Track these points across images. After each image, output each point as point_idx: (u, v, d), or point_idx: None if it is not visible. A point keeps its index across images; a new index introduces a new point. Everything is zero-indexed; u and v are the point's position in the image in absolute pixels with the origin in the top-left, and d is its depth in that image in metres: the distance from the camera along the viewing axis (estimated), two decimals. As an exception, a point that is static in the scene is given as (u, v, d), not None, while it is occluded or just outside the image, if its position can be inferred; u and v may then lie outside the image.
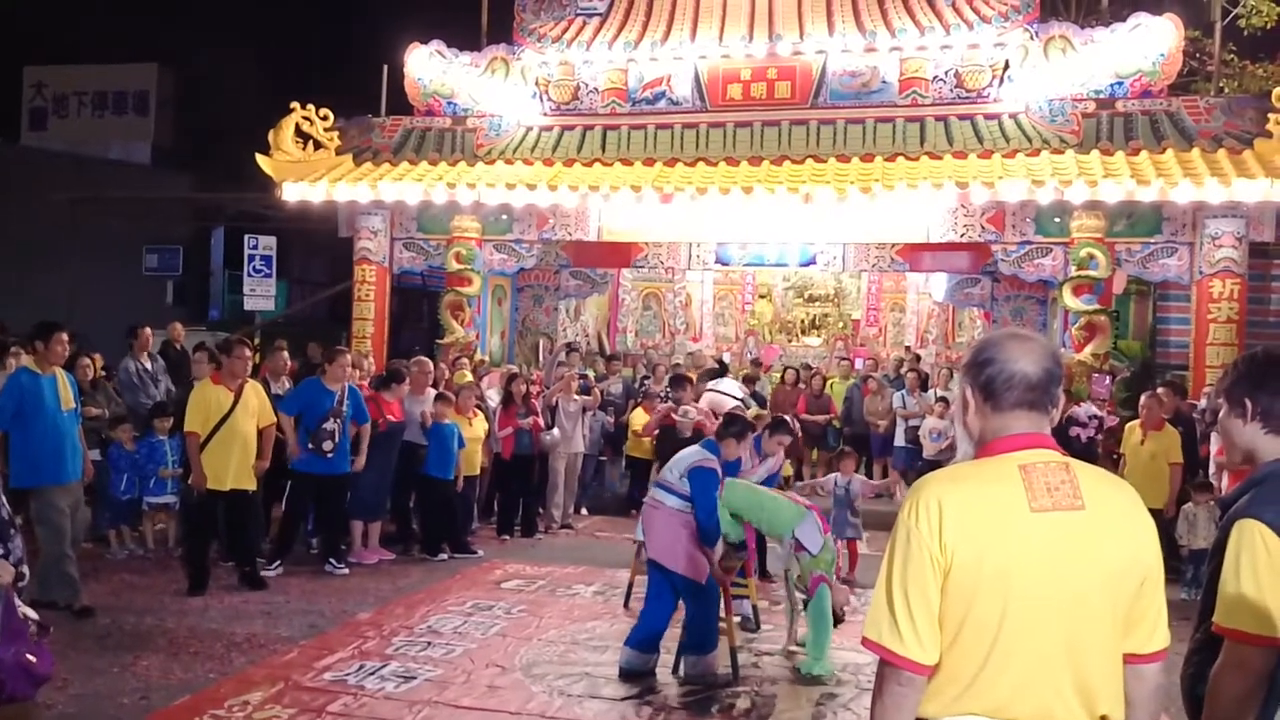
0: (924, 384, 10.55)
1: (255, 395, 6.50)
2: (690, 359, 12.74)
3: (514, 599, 6.41)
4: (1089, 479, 1.72)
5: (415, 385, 7.89)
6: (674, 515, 4.95)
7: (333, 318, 17.81)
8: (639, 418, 9.68)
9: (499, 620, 5.87)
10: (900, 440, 10.40)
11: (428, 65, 11.36)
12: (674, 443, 7.60)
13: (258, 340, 11.41)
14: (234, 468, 6.28)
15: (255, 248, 12.88)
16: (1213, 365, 8.88)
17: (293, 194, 10.57)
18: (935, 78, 10.24)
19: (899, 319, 14.45)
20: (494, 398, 8.88)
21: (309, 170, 10.64)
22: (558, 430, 8.88)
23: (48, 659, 3.15)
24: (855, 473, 7.44)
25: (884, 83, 10.36)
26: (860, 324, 14.56)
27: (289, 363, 8.20)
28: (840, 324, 14.53)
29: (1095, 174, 8.93)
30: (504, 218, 10.76)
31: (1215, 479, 7.27)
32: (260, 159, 10.72)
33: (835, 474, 7.33)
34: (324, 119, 10.95)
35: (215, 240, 20.34)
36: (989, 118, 10.06)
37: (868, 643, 1.70)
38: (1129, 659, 1.72)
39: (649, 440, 9.49)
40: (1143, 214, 9.35)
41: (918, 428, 10.06)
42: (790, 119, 10.45)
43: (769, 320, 14.77)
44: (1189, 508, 7.14)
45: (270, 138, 10.78)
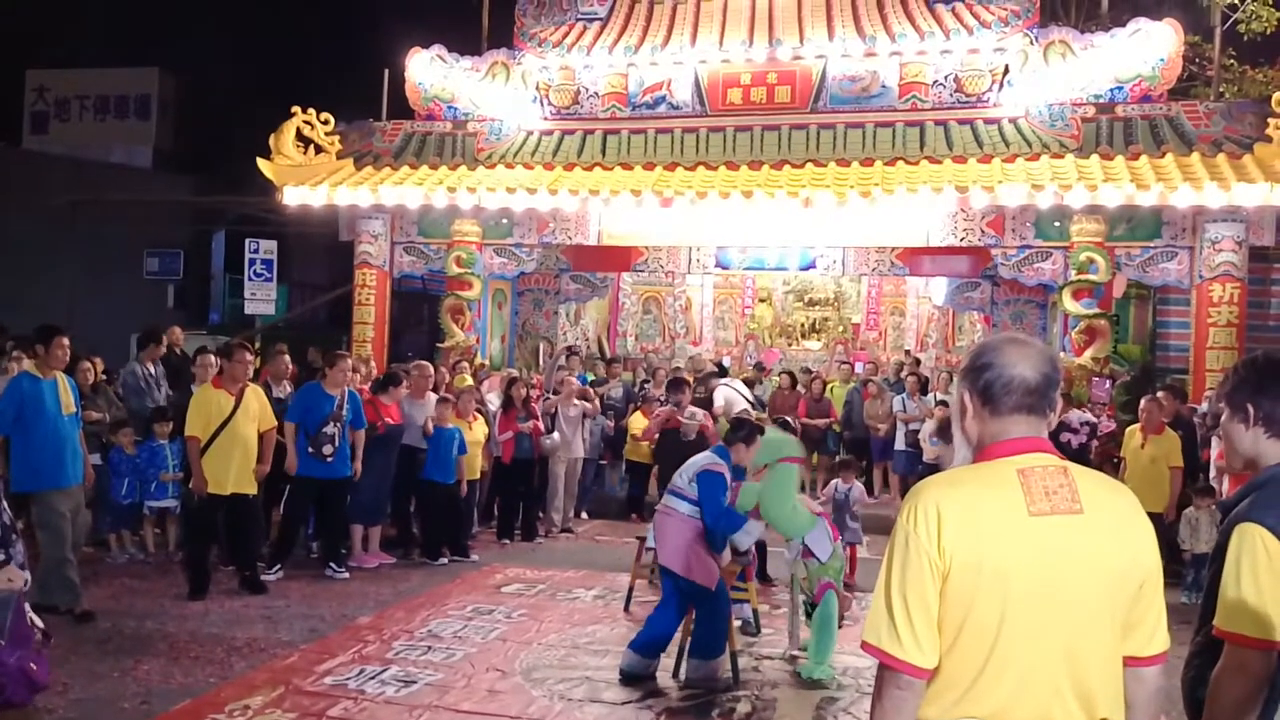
0: (924, 388, 10.55)
1: (256, 399, 6.50)
2: (690, 363, 12.75)
3: (514, 603, 6.41)
4: (1087, 483, 1.72)
5: (415, 390, 7.89)
6: (685, 521, 4.96)
7: (333, 322, 17.81)
8: (638, 422, 9.69)
9: (499, 624, 5.87)
10: (900, 444, 10.39)
11: (429, 70, 11.39)
12: (675, 446, 7.60)
13: (258, 344, 11.39)
14: (235, 472, 6.28)
15: (256, 252, 12.88)
16: (1213, 369, 8.89)
17: (293, 198, 10.59)
18: (935, 82, 10.27)
19: (899, 323, 14.46)
20: (494, 401, 8.89)
21: (310, 174, 10.66)
22: (558, 434, 8.89)
23: (45, 668, 3.15)
24: (856, 481, 7.48)
25: (884, 87, 10.39)
26: (860, 328, 14.57)
27: (290, 367, 8.20)
28: (840, 328, 14.54)
29: (1095, 178, 8.94)
30: (504, 222, 10.78)
31: (1216, 483, 7.27)
32: (261, 163, 10.73)
33: (836, 480, 7.38)
34: (325, 123, 10.98)
35: (216, 244, 20.36)
36: (989, 122, 10.08)
37: (867, 646, 1.71)
38: (1129, 662, 1.72)
39: (647, 444, 9.50)
40: (1142, 218, 9.36)
41: (917, 431, 10.06)
42: (790, 123, 10.48)
43: (769, 324, 14.78)
44: (1190, 512, 7.14)
45: (271, 142, 10.80)
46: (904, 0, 10.50)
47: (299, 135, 10.87)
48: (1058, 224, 9.55)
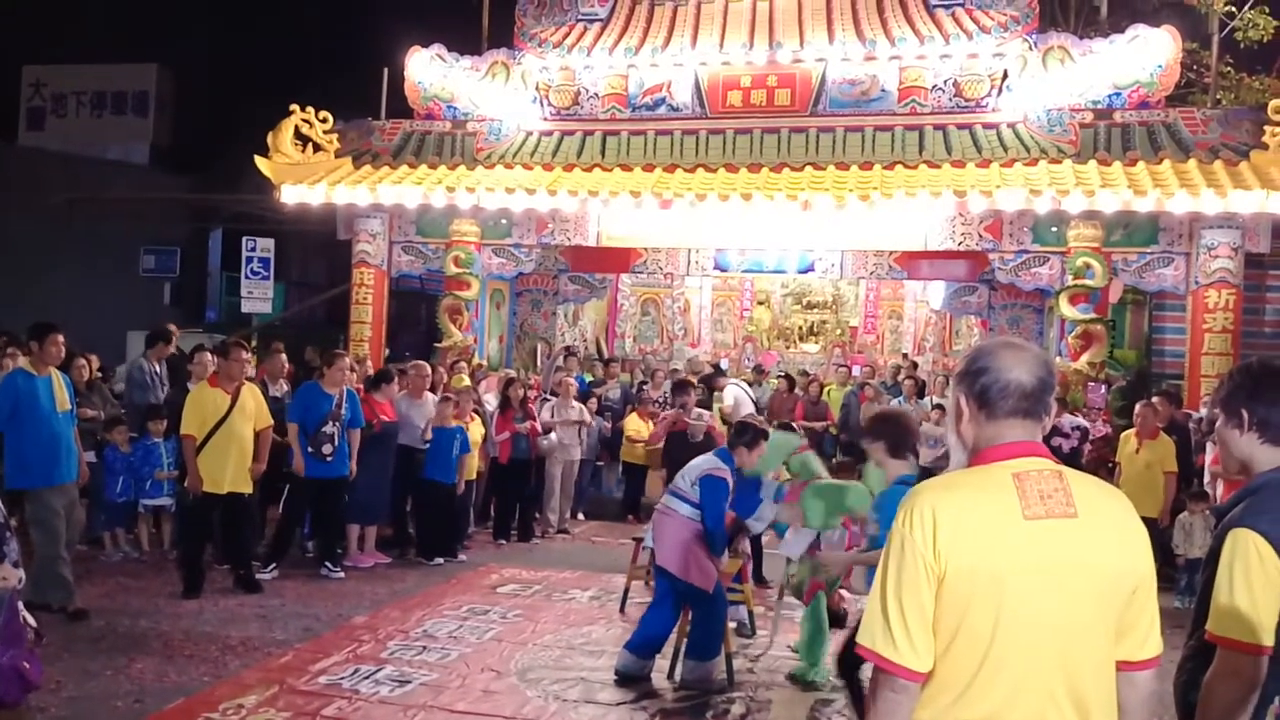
0: (920, 391, 10.57)
1: (252, 398, 6.49)
2: (688, 365, 12.75)
3: (510, 603, 6.41)
4: (1081, 487, 1.73)
5: (413, 390, 7.89)
6: (685, 523, 4.96)
7: (330, 321, 17.78)
8: (634, 423, 9.69)
9: (494, 625, 5.87)
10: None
11: (428, 69, 11.39)
12: (683, 448, 7.59)
13: (254, 343, 11.37)
14: (230, 471, 6.27)
15: (253, 250, 12.85)
16: (1208, 375, 8.92)
17: (291, 196, 10.57)
18: (934, 87, 10.28)
19: (896, 326, 14.48)
20: (491, 402, 8.89)
21: (308, 173, 10.64)
22: (555, 435, 8.88)
23: (38, 667, 3.14)
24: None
25: (883, 91, 10.40)
26: (858, 331, 14.58)
27: (286, 365, 8.19)
28: (838, 331, 14.56)
29: (1092, 184, 8.97)
30: (503, 222, 10.77)
31: (1210, 488, 7.30)
32: (259, 161, 10.72)
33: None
34: (323, 121, 10.96)
35: (213, 242, 20.32)
36: (987, 127, 10.10)
37: (862, 649, 1.71)
38: (1122, 666, 1.72)
39: (642, 446, 9.50)
40: (1139, 224, 9.39)
41: (914, 435, 10.05)
42: (790, 126, 10.49)
43: (767, 326, 14.79)
44: (1185, 517, 7.16)
45: (269, 140, 10.78)
46: (904, 4, 10.52)
47: (297, 133, 10.85)
48: (1055, 229, 9.57)
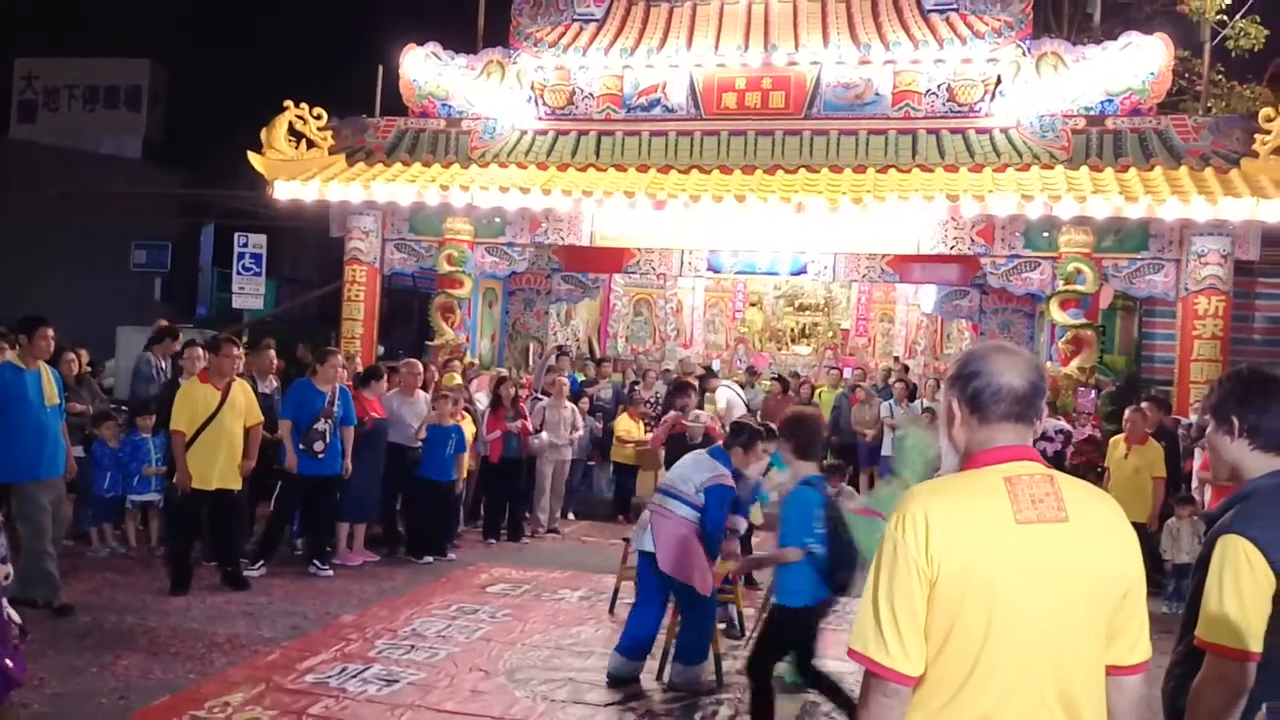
0: (911, 394, 10.59)
1: (243, 394, 6.46)
2: (680, 365, 12.75)
3: (499, 603, 6.40)
4: (1072, 491, 1.73)
5: (405, 388, 7.86)
6: (683, 524, 4.93)
7: (322, 318, 17.73)
8: (625, 423, 9.68)
9: (483, 624, 5.86)
10: (887, 450, 10.41)
11: (423, 67, 11.36)
12: (683, 450, 7.56)
13: (245, 339, 11.31)
14: (219, 467, 6.24)
15: (245, 246, 12.78)
16: (1197, 381, 8.96)
17: (284, 193, 10.53)
18: (928, 91, 10.31)
19: (888, 329, 14.51)
20: (483, 400, 8.87)
21: (301, 169, 10.60)
22: (546, 434, 8.87)
23: (21, 664, 3.11)
24: (843, 485, 7.49)
25: (877, 95, 10.43)
26: (849, 333, 14.61)
27: (275, 361, 8.15)
28: (830, 333, 14.59)
29: (1084, 190, 9.00)
30: (496, 221, 10.75)
31: (1198, 493, 7.33)
32: (252, 157, 10.66)
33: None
34: (317, 118, 10.92)
35: (205, 237, 20.23)
36: (980, 132, 10.14)
37: (853, 653, 1.71)
38: (1110, 670, 1.73)
39: (633, 447, 9.49)
40: (1130, 230, 9.43)
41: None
42: (784, 129, 10.50)
43: (759, 328, 14.80)
44: (1172, 522, 7.19)
45: (262, 135, 10.73)
46: (899, 8, 10.55)
47: (291, 130, 10.80)
48: (1046, 234, 9.61)
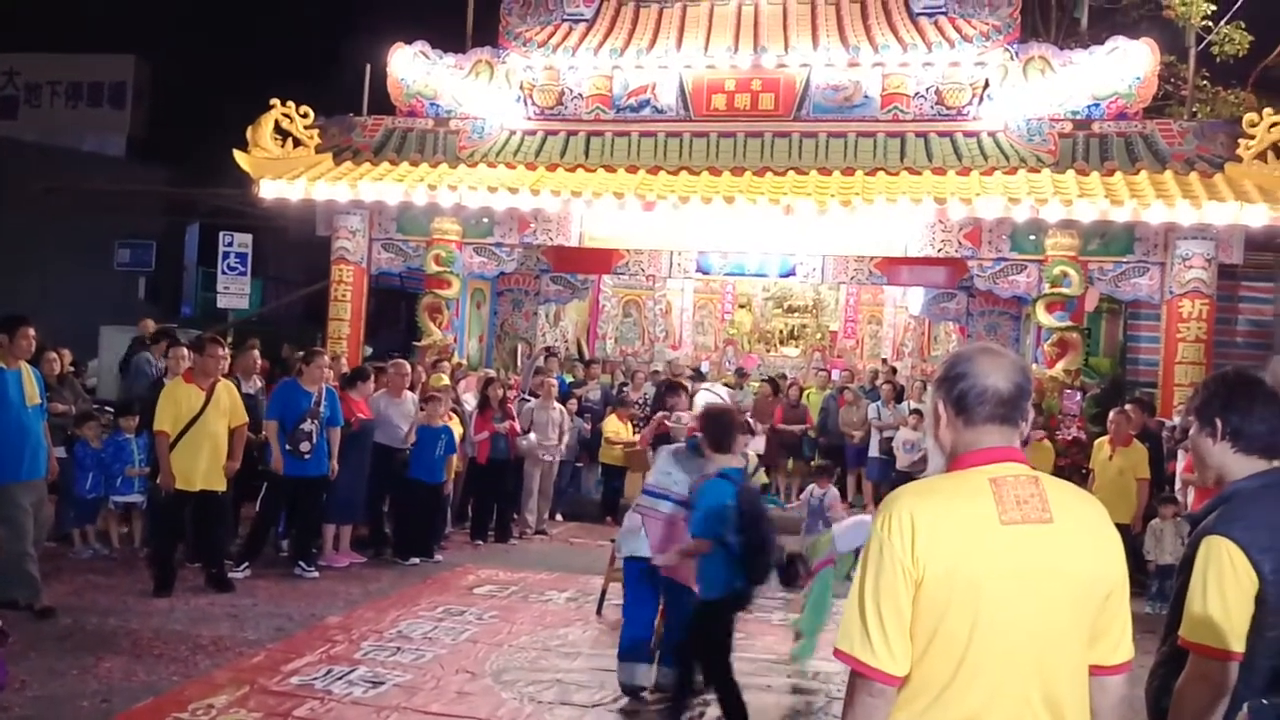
0: (899, 396, 10.63)
1: (227, 394, 6.41)
2: (669, 367, 12.75)
3: (486, 604, 6.37)
4: (1057, 492, 1.74)
5: (393, 388, 7.83)
6: (672, 520, 4.92)
7: (308, 317, 17.62)
8: (613, 424, 9.67)
9: (470, 626, 5.83)
10: (874, 451, 10.47)
11: (411, 66, 11.31)
12: None
13: (230, 339, 11.23)
14: (203, 468, 6.19)
15: (230, 245, 12.69)
16: (1181, 384, 9.04)
17: (270, 191, 10.47)
18: (916, 94, 10.36)
19: (876, 331, 14.56)
20: (470, 402, 8.84)
21: (287, 168, 10.54)
22: (534, 435, 8.85)
23: (3, 667, 3.08)
24: (831, 486, 7.54)
25: (866, 97, 10.46)
26: (838, 335, 14.66)
27: (259, 361, 8.10)
28: (818, 335, 14.63)
29: (1070, 193, 9.07)
30: (485, 221, 10.72)
31: (1180, 495, 7.39)
32: (238, 155, 10.60)
33: (811, 485, 7.44)
34: (304, 116, 10.87)
35: (190, 236, 20.07)
36: (968, 135, 10.19)
37: (839, 653, 1.71)
38: (1094, 670, 1.73)
39: (621, 448, 9.48)
40: (1116, 234, 9.50)
41: (892, 439, 10.14)
42: (773, 131, 10.52)
43: (748, 330, 14.83)
44: (1156, 523, 7.24)
45: (248, 134, 10.67)
46: (888, 11, 10.59)
47: (277, 128, 10.75)
48: (1033, 237, 9.66)
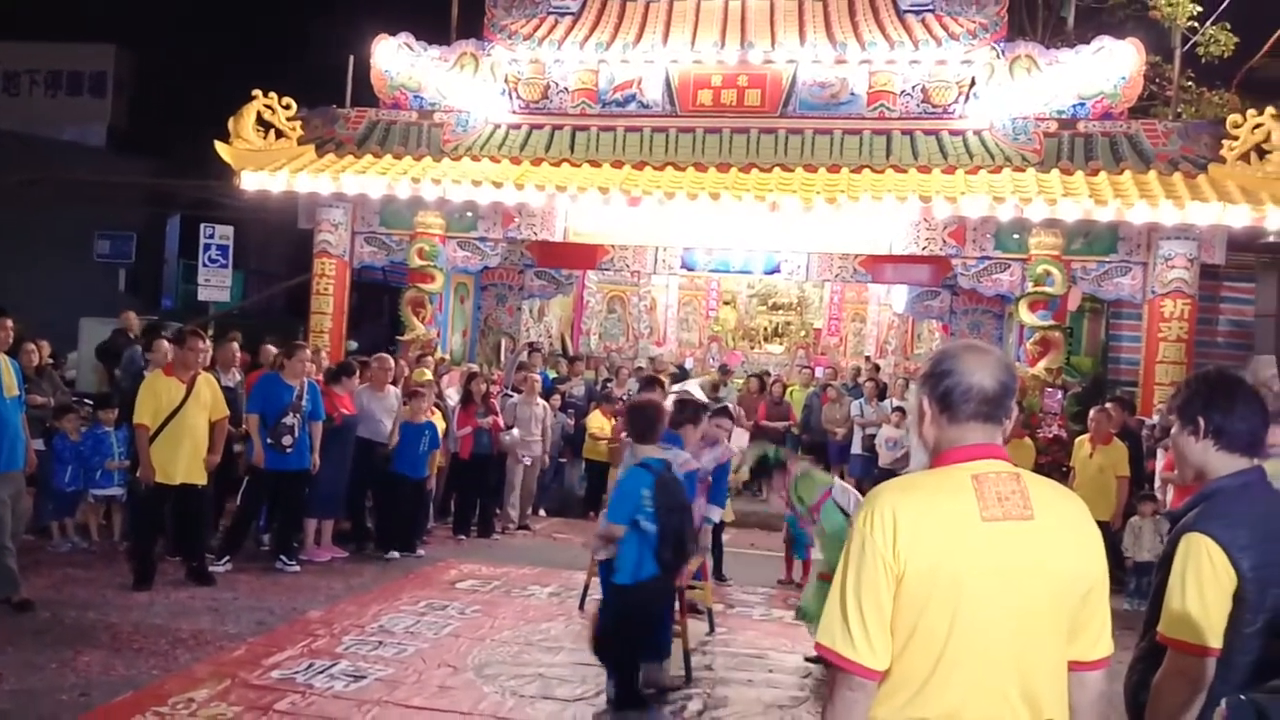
0: (882, 393, 10.68)
1: (208, 388, 6.35)
2: (653, 363, 12.75)
3: (468, 599, 6.36)
4: (1038, 489, 1.75)
5: (375, 382, 7.79)
6: None
7: (290, 310, 17.48)
8: (597, 420, 9.67)
9: (452, 620, 5.82)
10: (857, 448, 10.52)
11: (395, 57, 11.23)
12: None
13: (211, 331, 11.13)
14: (184, 461, 6.14)
15: (211, 237, 12.57)
16: (1162, 383, 9.11)
17: (252, 183, 10.36)
18: (903, 92, 10.38)
19: (859, 329, 14.63)
20: (453, 397, 8.80)
21: (269, 159, 10.44)
22: (518, 430, 8.83)
23: None
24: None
25: (852, 95, 10.48)
26: (821, 333, 14.72)
27: (239, 354, 8.03)
28: (802, 332, 14.67)
29: (1055, 192, 9.12)
30: (469, 215, 10.67)
31: (1160, 492, 7.47)
32: (219, 146, 10.48)
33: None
34: (286, 108, 10.76)
35: (170, 228, 19.87)
36: (954, 133, 10.22)
37: (821, 648, 1.72)
38: (1073, 666, 1.75)
39: (605, 444, 9.47)
40: (1099, 233, 9.57)
41: (874, 436, 10.19)
42: (759, 127, 10.52)
43: (732, 326, 14.86)
44: (1135, 520, 7.31)
45: (230, 125, 10.55)
46: (875, 9, 10.61)
47: (259, 119, 10.63)
48: (1017, 236, 9.72)
